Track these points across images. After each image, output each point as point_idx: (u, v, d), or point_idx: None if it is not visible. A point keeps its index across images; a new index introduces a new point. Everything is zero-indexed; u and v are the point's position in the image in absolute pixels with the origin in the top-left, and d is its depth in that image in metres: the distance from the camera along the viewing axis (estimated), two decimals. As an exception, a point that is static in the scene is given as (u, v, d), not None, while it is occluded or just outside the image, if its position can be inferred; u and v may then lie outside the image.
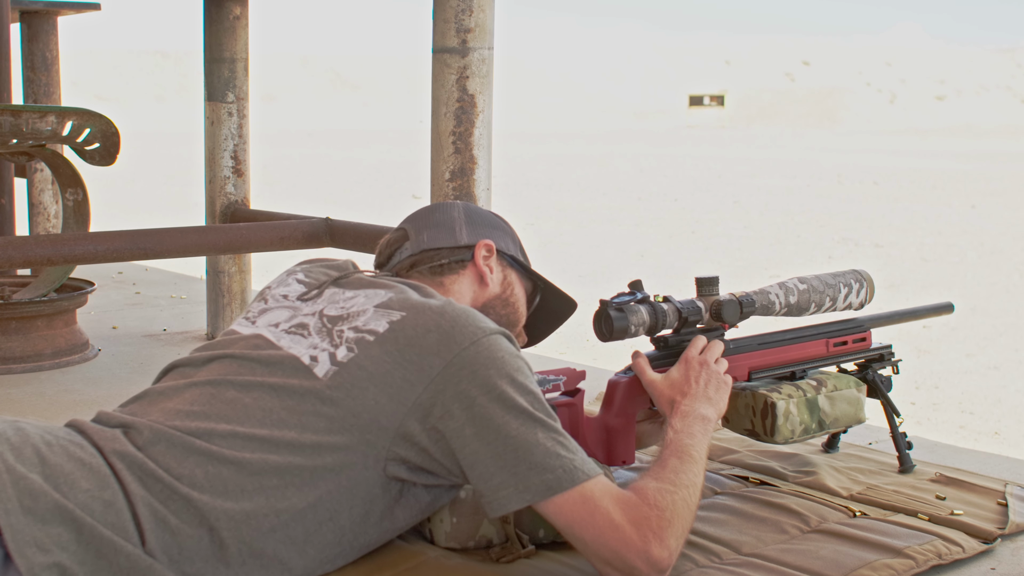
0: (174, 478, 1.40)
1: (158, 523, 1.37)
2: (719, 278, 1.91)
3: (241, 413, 1.46)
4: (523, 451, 1.43)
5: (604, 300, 1.78)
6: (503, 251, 1.76)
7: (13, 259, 2.60)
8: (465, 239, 1.73)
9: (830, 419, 1.99)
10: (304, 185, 15.00)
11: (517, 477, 1.43)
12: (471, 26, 2.45)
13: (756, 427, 1.95)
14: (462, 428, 1.45)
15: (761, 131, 45.18)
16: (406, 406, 1.46)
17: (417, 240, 1.73)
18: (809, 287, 1.98)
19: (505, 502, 1.44)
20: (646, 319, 1.79)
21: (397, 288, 1.59)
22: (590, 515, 1.43)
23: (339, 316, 1.56)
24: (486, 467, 1.44)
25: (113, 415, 1.51)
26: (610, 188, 15.00)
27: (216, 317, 3.59)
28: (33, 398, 2.83)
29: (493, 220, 1.80)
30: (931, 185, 15.59)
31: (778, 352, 1.98)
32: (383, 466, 1.48)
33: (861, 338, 2.08)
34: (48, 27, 4.30)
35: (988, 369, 4.96)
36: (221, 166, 3.54)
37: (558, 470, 1.43)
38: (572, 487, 1.43)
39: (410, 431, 1.46)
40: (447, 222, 1.74)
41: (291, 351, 1.53)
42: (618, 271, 7.42)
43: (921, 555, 1.70)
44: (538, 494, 1.43)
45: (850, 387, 2.02)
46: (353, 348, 1.49)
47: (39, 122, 2.77)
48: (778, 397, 1.93)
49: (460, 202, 1.81)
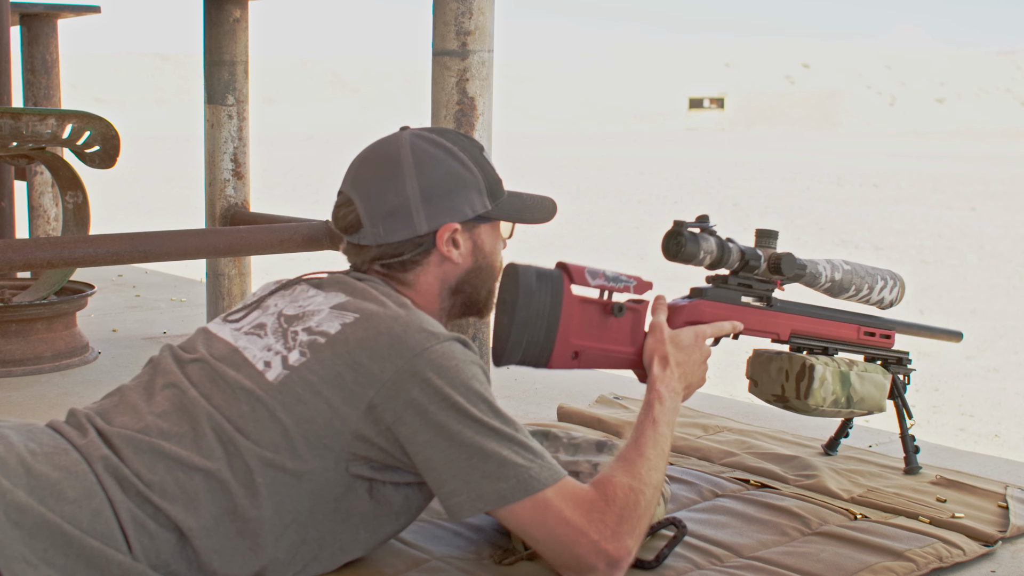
0: (145, 485, 1.40)
1: (138, 528, 1.38)
2: (779, 232, 1.94)
3: (204, 419, 1.46)
4: (476, 460, 1.43)
5: (679, 221, 1.78)
6: (468, 216, 1.62)
7: (13, 262, 2.60)
8: (425, 226, 1.59)
9: (858, 397, 2.02)
10: (304, 188, 15.00)
11: (470, 485, 1.43)
12: (471, 28, 2.45)
13: (787, 391, 1.97)
14: (415, 435, 1.45)
15: (761, 133, 45.20)
16: (359, 409, 1.45)
17: (373, 231, 1.59)
18: (853, 269, 2.03)
19: (458, 509, 1.44)
20: (714, 250, 1.81)
21: (358, 289, 1.57)
22: (541, 517, 1.44)
23: (295, 316, 1.55)
24: (439, 474, 1.44)
25: (86, 416, 1.50)
26: (610, 191, 15.00)
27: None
28: (33, 401, 2.83)
29: (449, 176, 1.60)
30: (931, 187, 15.59)
31: (818, 323, 2.01)
32: (344, 466, 1.47)
33: (887, 335, 2.11)
34: (48, 30, 4.30)
35: (988, 372, 4.96)
36: (221, 169, 3.54)
37: (512, 479, 1.43)
38: (525, 496, 1.43)
39: (365, 433, 1.46)
40: (401, 206, 1.58)
41: (246, 354, 1.52)
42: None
43: (922, 558, 1.70)
44: (491, 502, 1.43)
45: (878, 373, 2.06)
46: (305, 352, 1.48)
47: (39, 125, 2.77)
48: (817, 361, 1.97)
49: (407, 150, 1.60)
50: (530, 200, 1.72)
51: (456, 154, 1.62)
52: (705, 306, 1.84)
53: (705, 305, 1.84)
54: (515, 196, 1.70)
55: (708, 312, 1.84)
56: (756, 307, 1.93)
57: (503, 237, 1.71)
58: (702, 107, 55.58)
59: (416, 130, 1.65)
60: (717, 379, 4.15)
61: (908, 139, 37.00)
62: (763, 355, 2.06)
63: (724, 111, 54.88)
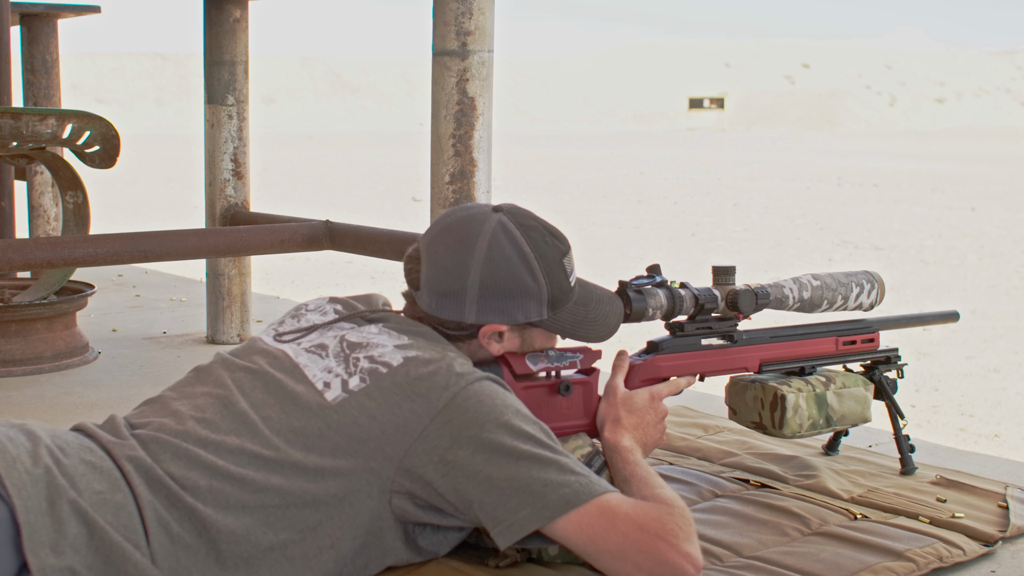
0: (180, 487, 1.40)
1: (161, 528, 1.38)
2: (736, 268, 1.92)
3: (250, 429, 1.47)
4: (537, 472, 1.44)
5: (623, 281, 1.78)
6: (519, 322, 1.64)
7: (13, 262, 2.60)
8: (473, 319, 1.61)
9: (837, 416, 2.00)
10: (304, 188, 15.00)
11: (533, 496, 1.43)
12: (471, 29, 2.45)
13: (764, 420, 1.96)
14: (471, 457, 1.45)
15: (761, 134, 45.21)
16: (412, 436, 1.46)
17: (428, 299, 1.62)
18: (822, 284, 2.00)
19: (524, 523, 1.43)
20: (664, 303, 1.80)
21: (420, 332, 1.60)
22: (611, 524, 1.43)
23: (358, 343, 1.57)
24: (501, 491, 1.44)
25: (123, 420, 1.52)
26: (610, 191, 15.00)
27: (216, 320, 3.59)
28: (33, 401, 2.83)
29: (513, 281, 1.60)
30: (931, 188, 15.59)
31: (789, 346, 2.00)
32: (388, 498, 1.47)
33: (869, 339, 2.09)
34: (48, 30, 4.30)
35: (988, 372, 4.96)
36: (221, 169, 3.54)
37: (574, 484, 1.44)
38: (591, 499, 1.43)
39: (415, 463, 1.46)
40: (458, 292, 1.60)
41: (306, 371, 1.54)
42: (618, 274, 7.41)
43: (922, 558, 1.70)
44: (557, 509, 1.42)
45: (858, 385, 2.04)
46: (366, 379, 1.50)
47: (39, 125, 2.77)
48: (788, 390, 1.95)
49: (485, 240, 1.60)
50: (595, 311, 1.70)
51: (530, 262, 1.61)
52: (661, 361, 1.83)
53: (661, 360, 1.83)
54: (581, 303, 1.68)
55: (665, 367, 1.83)
56: (719, 346, 1.91)
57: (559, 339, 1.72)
58: (702, 107, 55.55)
59: (507, 218, 1.62)
60: (718, 379, 4.15)
61: (908, 139, 37.00)
62: (739, 383, 2.03)
63: (724, 111, 54.85)
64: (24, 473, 1.33)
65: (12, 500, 1.30)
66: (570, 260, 1.66)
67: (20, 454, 1.35)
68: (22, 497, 1.31)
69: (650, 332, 2.09)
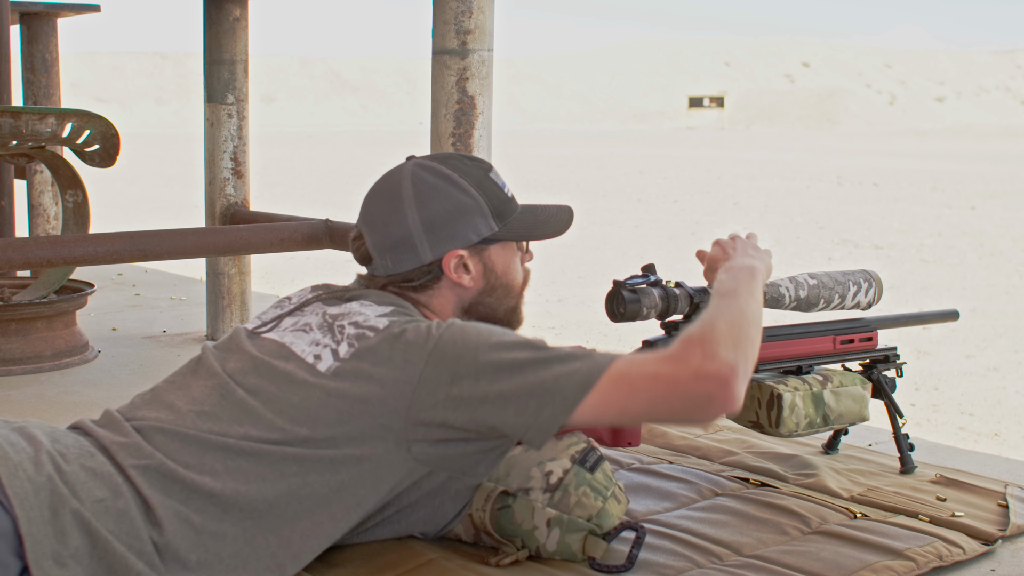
0: (194, 473, 1.41)
1: (182, 523, 1.38)
2: None
3: (252, 415, 1.47)
4: (543, 372, 1.45)
5: (618, 281, 1.78)
6: (473, 241, 1.65)
7: (13, 261, 2.60)
8: (430, 255, 1.63)
9: (834, 415, 2.00)
10: (303, 187, 15.00)
11: (549, 392, 1.43)
12: (471, 28, 2.45)
13: (761, 419, 1.96)
14: (476, 384, 1.46)
15: (761, 133, 45.21)
16: (411, 384, 1.47)
17: (381, 262, 1.65)
18: (819, 283, 1.99)
19: (550, 420, 1.44)
20: (658, 302, 1.80)
21: (396, 303, 1.62)
22: (630, 388, 1.43)
23: (340, 313, 1.59)
24: (518, 401, 1.45)
25: (121, 415, 1.52)
26: (610, 189, 15.00)
27: (216, 319, 3.59)
28: (33, 400, 2.83)
29: (450, 204, 1.63)
30: (931, 186, 15.59)
31: (786, 345, 2.00)
32: (407, 447, 1.49)
33: (868, 337, 2.09)
34: (48, 29, 4.30)
35: (988, 370, 4.96)
36: (221, 168, 3.54)
37: (581, 368, 1.44)
38: (601, 374, 1.43)
39: (423, 409, 1.47)
40: (405, 237, 1.62)
41: (294, 348, 1.55)
42: (617, 273, 7.41)
43: (922, 556, 1.70)
44: (575, 396, 1.43)
45: (855, 384, 2.04)
46: (354, 343, 1.52)
47: (39, 124, 2.77)
48: (784, 389, 1.94)
49: (408, 182, 1.63)
50: (543, 214, 1.73)
51: (456, 181, 1.64)
52: None
53: None
54: (528, 211, 1.71)
55: None
56: None
57: (521, 252, 1.73)
58: (702, 106, 55.56)
59: (419, 159, 1.68)
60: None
61: (908, 138, 37.01)
62: None
63: (724, 110, 54.88)
64: (27, 481, 1.32)
65: (15, 511, 1.30)
66: (496, 175, 1.69)
67: (22, 460, 1.35)
68: (24, 508, 1.30)
69: (645, 332, 2.08)
